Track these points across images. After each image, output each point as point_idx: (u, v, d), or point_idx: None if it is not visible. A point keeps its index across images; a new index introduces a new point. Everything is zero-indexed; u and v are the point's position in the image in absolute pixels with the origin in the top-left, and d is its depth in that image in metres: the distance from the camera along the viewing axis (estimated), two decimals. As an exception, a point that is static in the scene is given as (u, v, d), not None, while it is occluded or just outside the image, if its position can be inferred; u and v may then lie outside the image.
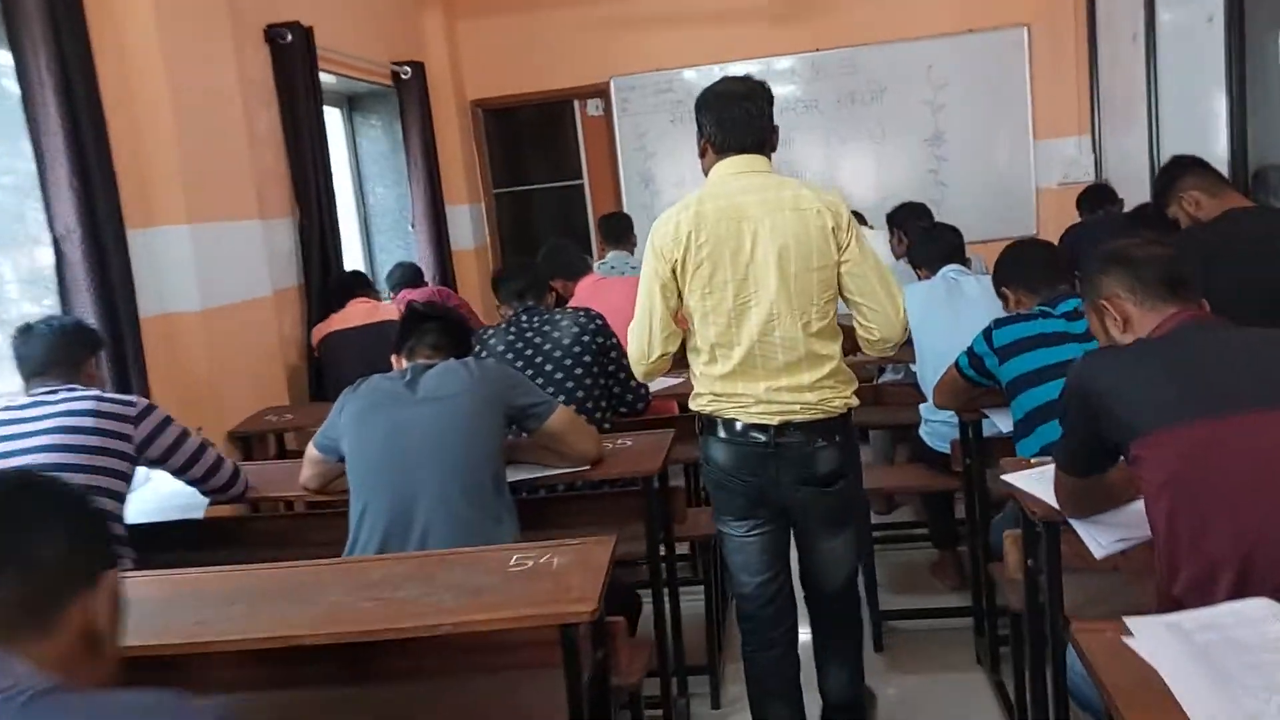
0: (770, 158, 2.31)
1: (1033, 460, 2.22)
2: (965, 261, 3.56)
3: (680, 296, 2.27)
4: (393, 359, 2.58)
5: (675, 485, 2.84)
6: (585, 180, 7.09)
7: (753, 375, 2.23)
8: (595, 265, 4.79)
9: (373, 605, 1.79)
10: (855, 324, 2.29)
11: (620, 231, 4.93)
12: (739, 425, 2.26)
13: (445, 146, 6.45)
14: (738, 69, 5.89)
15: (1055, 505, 1.94)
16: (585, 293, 3.98)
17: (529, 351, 3.12)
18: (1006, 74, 6.47)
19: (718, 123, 2.28)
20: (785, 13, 6.51)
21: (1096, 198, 5.17)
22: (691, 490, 3.88)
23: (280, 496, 2.72)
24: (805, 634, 2.56)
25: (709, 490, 2.45)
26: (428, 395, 2.32)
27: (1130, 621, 1.42)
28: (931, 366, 3.32)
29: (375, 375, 2.45)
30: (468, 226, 6.67)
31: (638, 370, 2.39)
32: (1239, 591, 1.51)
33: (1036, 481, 2.07)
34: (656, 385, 3.54)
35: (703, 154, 2.36)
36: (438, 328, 2.54)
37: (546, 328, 3.15)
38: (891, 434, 4.25)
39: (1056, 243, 4.84)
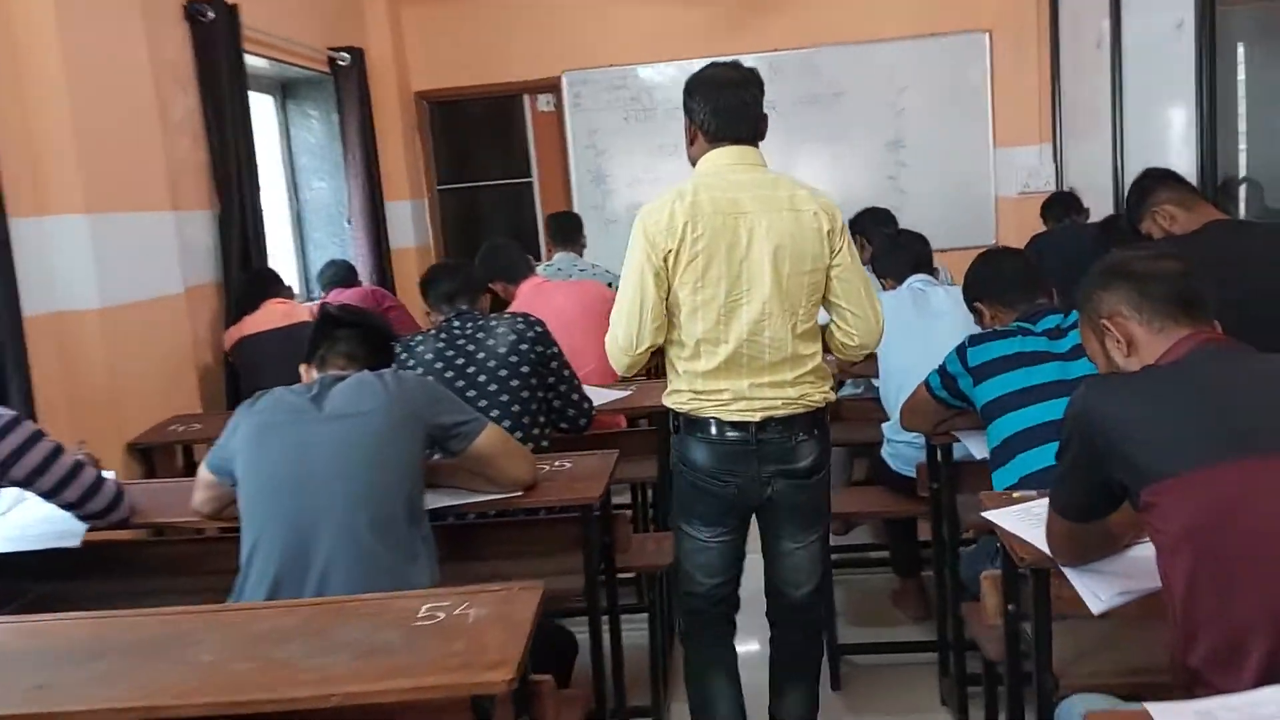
0: (759, 148, 2.26)
1: (1015, 494, 1.99)
2: (932, 271, 3.34)
3: (669, 288, 2.18)
4: (301, 369, 2.29)
5: (620, 511, 2.58)
6: (534, 178, 6.81)
7: (737, 373, 2.18)
8: (541, 267, 4.52)
9: (251, 667, 1.50)
10: (833, 328, 2.26)
11: (569, 232, 4.66)
12: (719, 425, 2.20)
13: (386, 139, 6.13)
14: (694, 66, 5.68)
15: (1045, 549, 1.71)
16: (527, 297, 3.70)
17: (460, 361, 2.83)
18: (968, 79, 6.31)
19: (713, 111, 2.20)
20: (744, 11, 6.29)
21: (1063, 207, 5.01)
22: (640, 511, 3.63)
23: (169, 523, 2.40)
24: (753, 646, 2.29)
25: (679, 493, 2.33)
26: (335, 411, 2.04)
27: (1154, 709, 1.18)
28: (896, 382, 3.10)
29: (278, 388, 2.16)
30: (409, 224, 6.35)
31: (620, 362, 2.26)
32: (1272, 666, 1.28)
33: (1022, 520, 1.84)
34: (601, 398, 3.27)
35: (691, 141, 2.28)
36: (353, 334, 2.26)
37: (481, 335, 2.87)
38: (849, 451, 4.02)
39: (1023, 250, 4.69)
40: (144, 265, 3.54)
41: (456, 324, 2.92)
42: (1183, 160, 4.27)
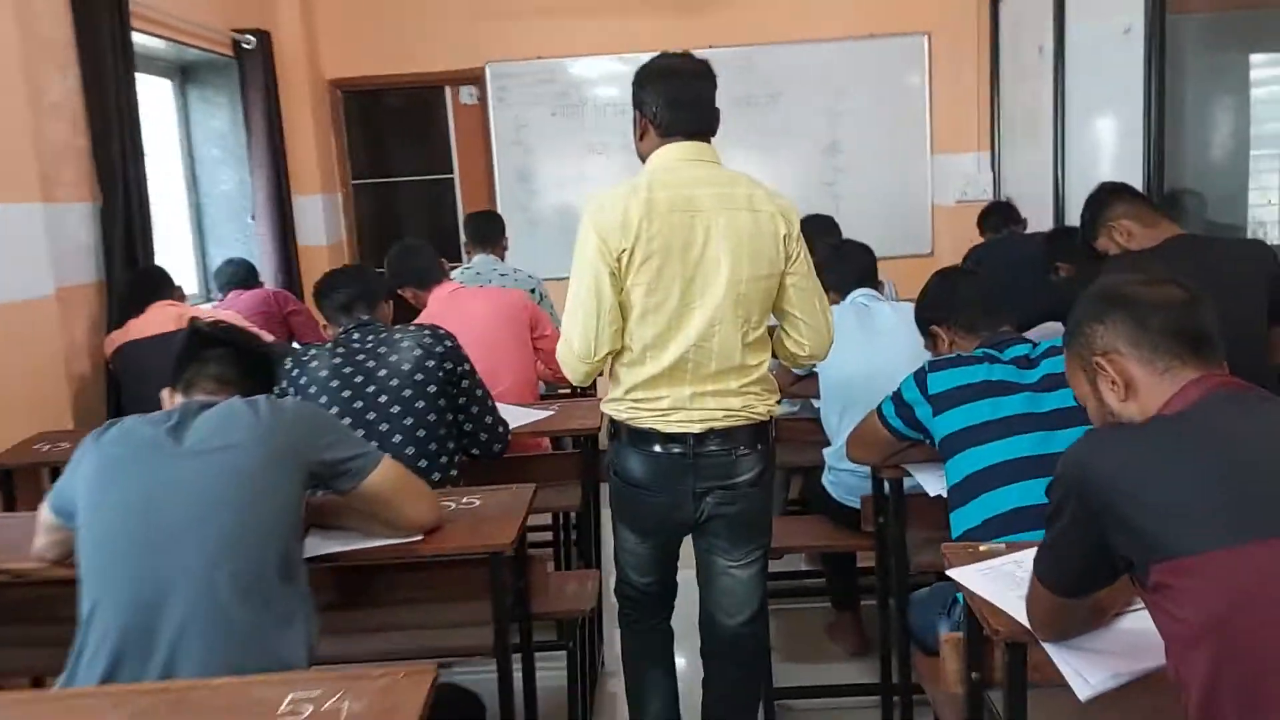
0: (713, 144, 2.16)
1: (981, 547, 1.76)
2: (877, 285, 3.12)
3: (621, 290, 2.06)
4: (164, 394, 1.97)
5: (536, 551, 2.30)
6: (455, 174, 6.46)
7: (680, 380, 2.09)
8: (458, 271, 4.21)
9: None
10: (783, 337, 2.18)
11: (489, 233, 4.34)
12: (657, 436, 2.11)
13: (296, 129, 5.74)
14: (627, 61, 5.42)
15: (1022, 620, 1.48)
16: (440, 304, 3.40)
17: (359, 379, 2.53)
18: (906, 83, 6.14)
19: (667, 103, 2.10)
20: (680, 5, 6.04)
21: (1000, 217, 4.86)
22: (562, 544, 3.34)
23: (11, 569, 2.04)
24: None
25: (613, 496, 2.25)
26: (196, 446, 1.72)
27: None
28: (838, 405, 2.87)
29: (131, 416, 1.83)
30: (320, 220, 5.96)
31: (577, 371, 2.14)
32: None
33: (993, 581, 1.61)
34: (519, 419, 2.99)
35: (641, 135, 2.18)
36: (225, 355, 1.94)
37: (382, 350, 2.57)
38: (786, 475, 3.79)
39: (961, 262, 4.52)
40: (4, 264, 3.15)
41: (355, 337, 2.61)
42: (1128, 172, 4.13)
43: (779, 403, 2.26)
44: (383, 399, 2.50)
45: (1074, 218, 4.93)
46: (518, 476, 2.93)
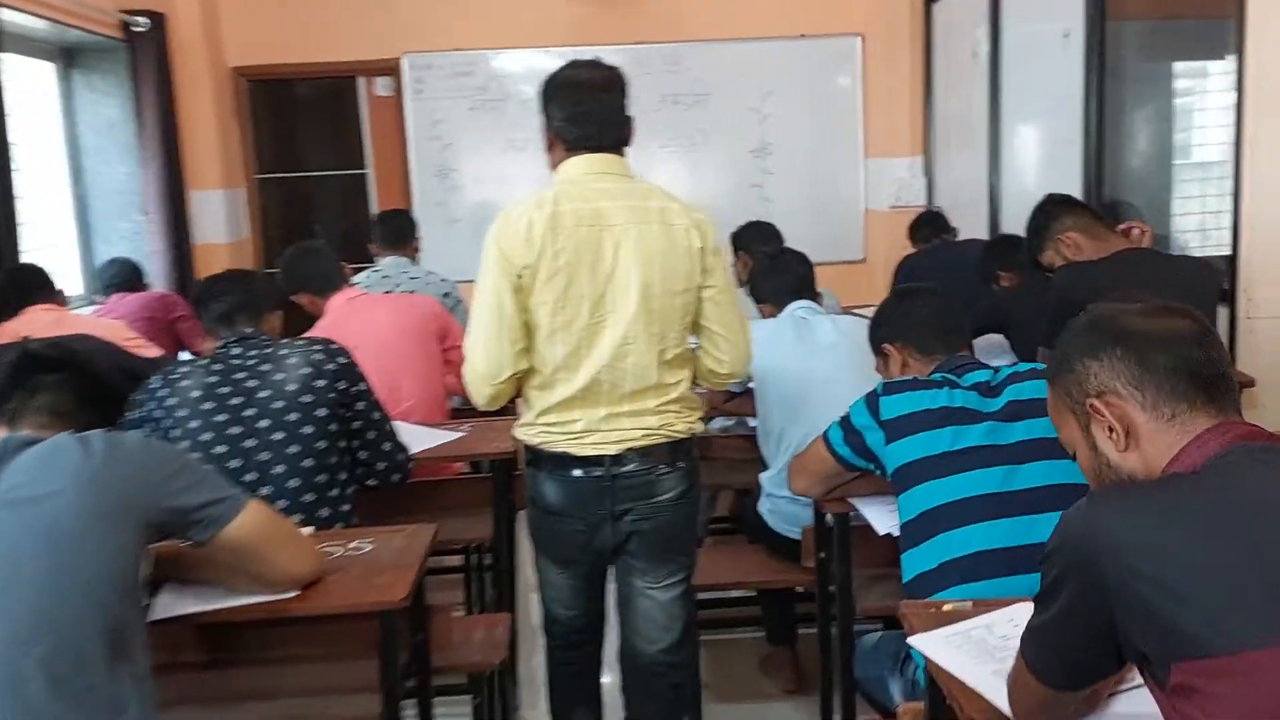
0: (625, 155, 2.10)
1: (946, 606, 1.53)
2: (815, 296, 2.90)
3: (526, 309, 1.98)
4: (-16, 426, 1.64)
5: (441, 592, 2.03)
6: (369, 169, 6.11)
7: (594, 402, 2.02)
8: (365, 274, 3.89)
9: None
10: (702, 354, 2.11)
11: (400, 233, 4.03)
12: (572, 460, 2.04)
13: (194, 119, 5.34)
14: (551, 55, 5.14)
15: (1000, 705, 1.26)
16: (338, 312, 3.09)
17: (236, 400, 2.22)
18: (838, 85, 5.98)
19: (570, 118, 2.04)
20: (606, -1, 5.78)
21: (931, 227, 4.70)
22: (473, 581, 3.04)
23: None
24: None
25: (531, 525, 2.18)
26: (5, 496, 1.41)
27: None
28: (776, 426, 2.66)
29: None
30: (220, 216, 5.56)
31: (482, 394, 2.05)
32: None
33: (963, 651, 1.38)
34: (425, 442, 2.70)
35: (549, 148, 2.11)
36: (60, 381, 1.62)
37: (265, 367, 2.26)
38: (712, 494, 3.55)
39: (894, 273, 4.35)
40: None
41: (235, 352, 2.30)
42: (1067, 180, 4.00)
43: (702, 420, 2.17)
44: (264, 423, 2.19)
45: (1009, 225, 4.84)
46: (423, 505, 2.68)
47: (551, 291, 1.95)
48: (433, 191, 5.90)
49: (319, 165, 6.27)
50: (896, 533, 1.99)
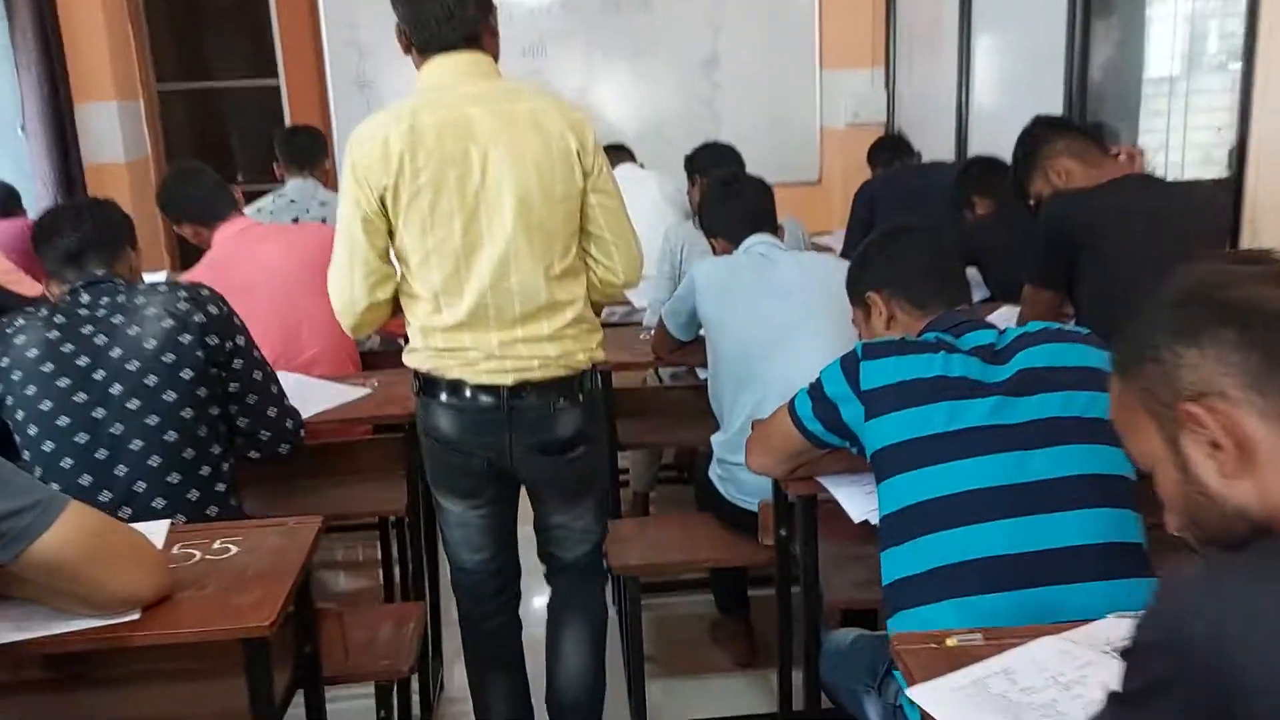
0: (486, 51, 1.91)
1: (950, 639, 1.22)
2: (776, 229, 2.55)
3: (392, 233, 1.86)
4: None
5: (328, 606, 1.69)
6: (281, 80, 5.57)
7: (484, 327, 1.88)
8: (266, 200, 3.47)
9: None
10: (593, 264, 1.97)
11: (308, 151, 3.59)
12: (466, 387, 1.90)
13: (80, 23, 4.73)
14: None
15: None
16: (226, 247, 2.68)
17: (83, 361, 1.84)
18: (794, -11, 5.54)
19: (410, 16, 1.87)
20: (541, -111, 5.25)
21: (892, 150, 4.35)
22: (389, 560, 2.70)
23: None
24: None
25: (427, 461, 2.04)
26: None
27: None
28: (731, 381, 2.33)
29: None
30: (116, 132, 4.99)
31: (344, 324, 1.96)
32: None
33: (975, 709, 1.08)
34: (327, 400, 2.34)
35: (406, 52, 1.93)
36: None
37: (118, 319, 1.88)
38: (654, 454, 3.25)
39: (853, 201, 4.01)
40: None
41: (84, 300, 1.92)
42: (1047, 99, 3.66)
43: (602, 346, 2.02)
44: (116, 389, 1.82)
45: (978, 147, 4.49)
46: (327, 471, 2.34)
47: (417, 213, 1.81)
48: (353, 104, 5.37)
49: (227, 74, 5.72)
50: (875, 520, 1.69)
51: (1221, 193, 2.83)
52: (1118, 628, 1.24)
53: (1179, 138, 3.95)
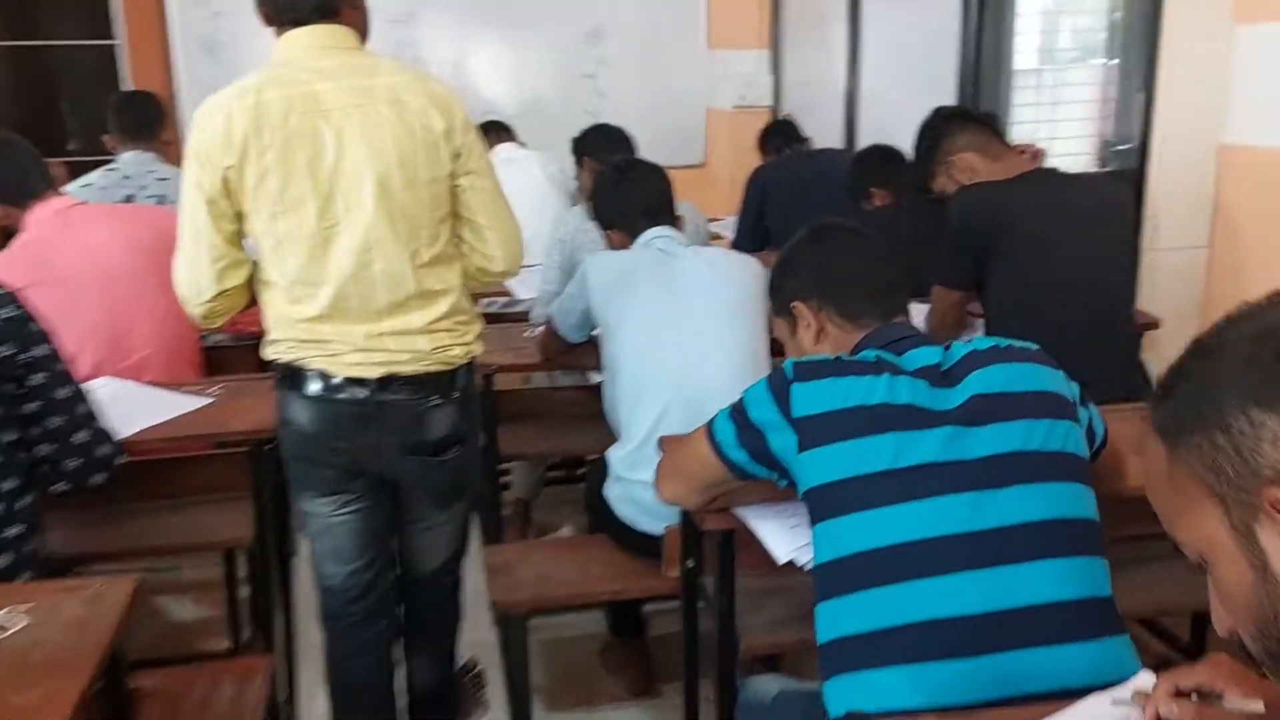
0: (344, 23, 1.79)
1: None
2: (675, 220, 2.32)
3: (240, 217, 1.74)
4: None
5: (145, 683, 1.38)
6: (121, 39, 5.04)
7: (348, 318, 1.77)
8: (97, 173, 3.06)
9: None
10: (468, 250, 1.88)
11: (144, 121, 3.20)
12: (330, 379, 1.79)
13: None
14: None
15: None
16: (42, 230, 2.30)
17: None
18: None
19: None
20: None
21: (783, 135, 4.19)
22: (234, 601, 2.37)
23: None
24: None
25: (287, 461, 1.90)
26: None
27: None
28: (630, 391, 2.11)
29: None
30: (-79, 93, 4.44)
31: (191, 312, 1.82)
32: None
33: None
34: (160, 414, 2.00)
35: (265, 22, 1.81)
36: None
37: (-120, 325, 1.51)
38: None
39: (745, 189, 3.83)
40: None
41: None
42: (940, 86, 3.53)
43: (480, 339, 1.91)
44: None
45: (868, 131, 4.37)
46: (160, 493, 2.02)
47: (265, 196, 1.68)
48: (201, 70, 4.91)
49: (60, 33, 5.16)
50: (802, 561, 1.48)
51: (1124, 186, 2.76)
52: (1106, 709, 1.07)
53: (1047, 130, 3.93)
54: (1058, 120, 4.00)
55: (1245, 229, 2.60)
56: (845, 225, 1.58)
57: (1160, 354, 2.69)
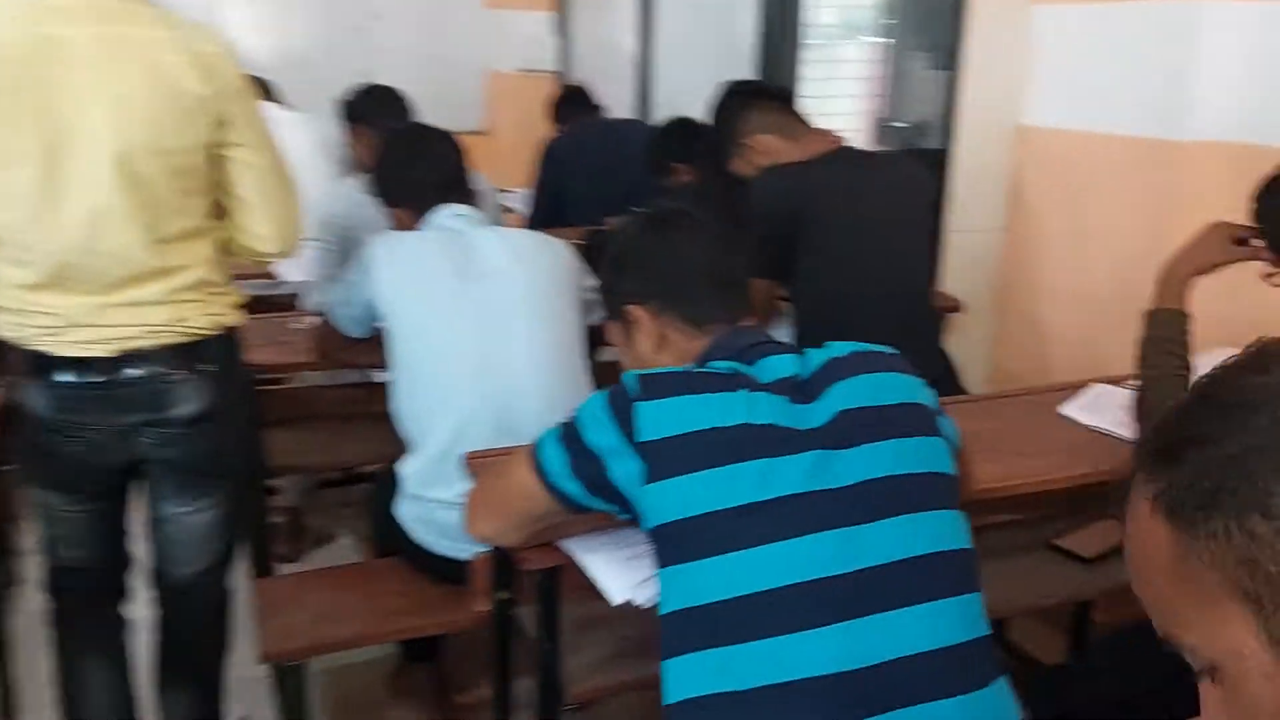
0: None
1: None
2: (468, 195, 2.05)
3: None
4: None
5: None
6: None
7: (71, 289, 1.58)
8: None
9: None
10: (236, 230, 1.70)
11: None
12: (53, 360, 1.60)
13: None
14: None
15: None
16: None
17: None
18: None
19: None
20: None
21: (575, 103, 3.98)
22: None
23: None
24: None
25: (19, 448, 1.71)
26: None
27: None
28: (424, 393, 1.84)
29: None
30: None
31: None
32: None
33: None
34: None
35: None
36: None
37: None
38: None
39: (541, 161, 3.60)
40: None
41: None
42: (736, 58, 3.41)
43: (237, 308, 1.73)
44: None
45: (662, 100, 4.22)
46: None
47: None
48: None
49: None
50: (640, 601, 1.29)
51: (923, 166, 2.73)
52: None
53: (833, 105, 3.92)
54: (842, 96, 4.01)
55: (1041, 211, 2.61)
56: (682, 211, 1.37)
57: (964, 337, 2.68)
